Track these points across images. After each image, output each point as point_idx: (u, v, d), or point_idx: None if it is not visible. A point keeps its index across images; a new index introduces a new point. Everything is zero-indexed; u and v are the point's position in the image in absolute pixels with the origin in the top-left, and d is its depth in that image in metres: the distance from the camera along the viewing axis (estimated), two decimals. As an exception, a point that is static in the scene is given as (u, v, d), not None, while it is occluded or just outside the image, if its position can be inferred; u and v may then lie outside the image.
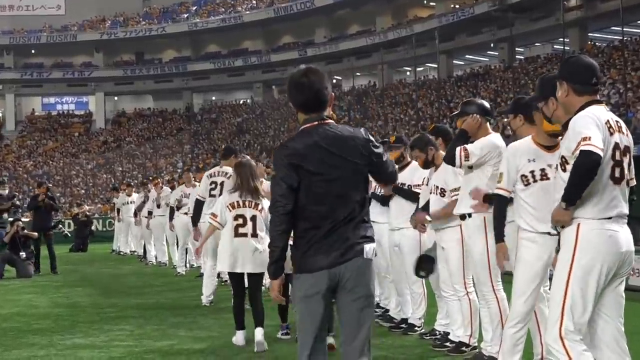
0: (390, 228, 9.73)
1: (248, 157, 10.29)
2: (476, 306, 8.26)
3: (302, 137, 4.85)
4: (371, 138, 4.97)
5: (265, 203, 9.07)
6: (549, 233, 6.19)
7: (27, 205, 22.89)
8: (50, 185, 20.56)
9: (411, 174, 9.51)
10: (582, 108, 5.26)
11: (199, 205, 12.88)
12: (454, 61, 66.83)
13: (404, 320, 9.74)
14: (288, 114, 66.97)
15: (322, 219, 4.76)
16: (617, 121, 5.34)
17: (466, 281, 8.30)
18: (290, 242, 4.87)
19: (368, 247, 4.79)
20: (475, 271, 7.72)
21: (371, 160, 4.91)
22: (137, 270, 19.49)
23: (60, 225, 19.83)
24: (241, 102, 79.70)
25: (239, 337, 9.17)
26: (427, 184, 8.94)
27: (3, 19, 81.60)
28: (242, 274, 9.14)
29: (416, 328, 9.56)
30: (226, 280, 13.59)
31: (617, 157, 5.22)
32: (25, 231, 19.28)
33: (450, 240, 8.32)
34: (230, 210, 9.15)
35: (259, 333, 8.86)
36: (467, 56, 68.90)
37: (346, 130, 4.90)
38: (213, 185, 12.85)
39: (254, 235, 9.10)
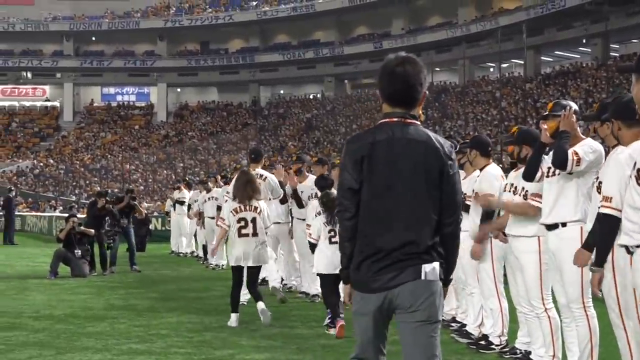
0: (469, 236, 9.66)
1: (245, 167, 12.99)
2: (557, 324, 8.14)
3: (376, 131, 4.72)
4: (453, 156, 4.74)
5: (262, 205, 11.67)
6: None
7: (86, 211, 23.36)
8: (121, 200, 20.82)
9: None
10: None
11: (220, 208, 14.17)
12: (542, 57, 66.14)
13: (485, 337, 9.65)
14: (361, 111, 67.01)
15: (378, 231, 4.65)
16: None
17: (544, 297, 8.19)
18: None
19: (428, 268, 4.61)
20: (565, 287, 7.60)
21: (442, 179, 4.68)
22: (196, 273, 19.65)
23: (109, 236, 20.01)
24: (311, 96, 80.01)
25: (233, 319, 11.39)
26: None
27: (63, 4, 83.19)
28: (242, 267, 11.46)
29: (494, 346, 9.47)
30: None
31: None
32: (82, 228, 19.60)
33: (527, 252, 8.20)
34: (234, 215, 11.46)
35: (260, 305, 11.32)
36: (557, 52, 68.08)
37: (426, 136, 4.70)
38: None
39: (255, 234, 11.41)
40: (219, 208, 20.09)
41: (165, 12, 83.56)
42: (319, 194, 11.90)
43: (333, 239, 10.67)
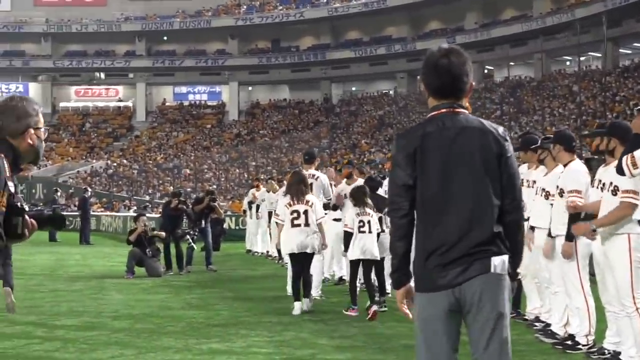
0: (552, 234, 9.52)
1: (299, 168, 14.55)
2: None
3: (425, 124, 4.62)
4: (508, 138, 4.65)
5: (313, 198, 13.03)
6: None
7: (161, 211, 23.69)
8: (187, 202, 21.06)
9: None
10: None
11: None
12: (621, 50, 65.05)
13: (571, 337, 9.50)
14: (434, 107, 66.67)
15: (439, 225, 4.50)
16: None
17: (635, 296, 8.02)
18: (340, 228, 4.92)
19: (497, 261, 4.47)
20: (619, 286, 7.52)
21: (500, 163, 4.56)
22: (272, 272, 19.70)
23: (188, 237, 20.20)
24: (383, 93, 79.75)
25: (296, 308, 12.51)
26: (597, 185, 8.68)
27: (135, 5, 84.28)
28: (299, 254, 12.67)
29: (581, 346, 9.32)
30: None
31: None
32: (155, 232, 19.88)
33: (617, 250, 8.05)
34: (288, 208, 12.78)
35: (306, 302, 12.62)
36: (636, 44, 66.86)
37: (478, 122, 4.62)
38: None
39: (307, 224, 12.69)
40: None
41: (236, 10, 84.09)
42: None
43: (362, 229, 12.37)
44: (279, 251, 22.31)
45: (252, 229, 27.07)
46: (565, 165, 9.38)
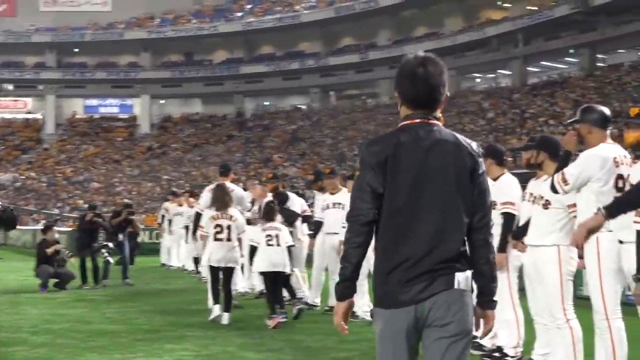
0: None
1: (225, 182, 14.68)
2: (579, 335, 8.06)
3: (397, 133, 4.40)
4: (481, 154, 4.50)
5: (237, 213, 13.23)
6: None
7: (77, 225, 23.28)
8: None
9: None
10: None
11: (198, 217, 15.22)
12: (529, 68, 66.31)
13: (499, 349, 9.53)
14: (347, 122, 67.01)
15: (405, 238, 4.29)
16: None
17: (566, 307, 8.10)
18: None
19: (461, 277, 4.27)
20: (591, 296, 7.52)
21: (472, 179, 4.39)
22: (191, 286, 19.48)
23: (104, 251, 19.84)
24: (296, 107, 79.85)
25: (216, 309, 12.98)
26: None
27: (46, 15, 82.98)
28: (218, 267, 13.00)
29: (509, 357, 9.36)
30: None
31: None
32: (62, 249, 19.53)
33: (548, 262, 8.11)
34: (212, 221, 13.03)
35: (225, 317, 12.73)
36: (544, 63, 68.26)
37: (452, 136, 4.41)
38: None
39: (229, 239, 12.93)
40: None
41: (149, 23, 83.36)
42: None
43: (270, 242, 12.68)
44: (195, 264, 22.17)
45: (166, 243, 26.78)
46: (495, 180, 9.43)
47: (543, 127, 46.64)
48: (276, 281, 12.82)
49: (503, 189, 9.22)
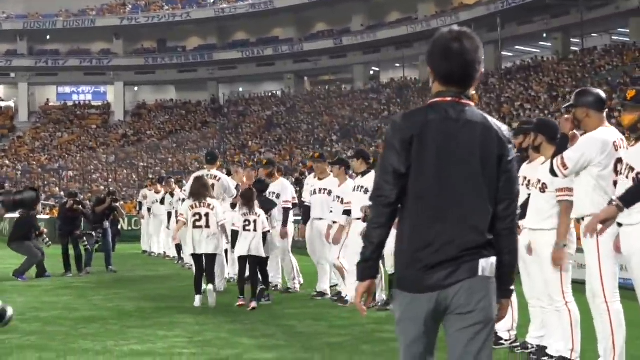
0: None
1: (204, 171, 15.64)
2: (577, 317, 8.08)
3: (427, 110, 4.24)
4: (511, 139, 4.35)
5: (214, 202, 13.75)
6: None
7: (58, 212, 23.11)
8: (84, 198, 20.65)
9: None
10: None
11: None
12: (503, 52, 66.50)
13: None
14: (322, 108, 66.97)
15: (429, 222, 4.17)
16: None
17: (565, 290, 8.11)
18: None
19: (486, 263, 4.16)
20: (589, 280, 7.53)
21: (500, 165, 4.24)
22: (175, 273, 19.42)
23: (85, 239, 19.72)
24: (271, 94, 79.71)
25: (197, 300, 13.25)
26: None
27: (17, 3, 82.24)
28: (201, 255, 13.45)
29: (504, 341, 9.38)
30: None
31: None
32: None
33: (546, 245, 8.11)
34: (191, 210, 13.53)
35: (210, 287, 13.14)
36: (517, 47, 68.51)
37: (482, 118, 4.26)
38: None
39: (207, 226, 13.40)
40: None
41: (121, 9, 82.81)
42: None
43: (247, 227, 13.05)
44: (178, 251, 22.10)
45: (147, 230, 26.71)
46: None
47: (519, 111, 46.81)
48: (253, 265, 13.21)
49: None
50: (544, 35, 62.72)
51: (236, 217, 13.50)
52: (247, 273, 13.30)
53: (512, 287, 4.41)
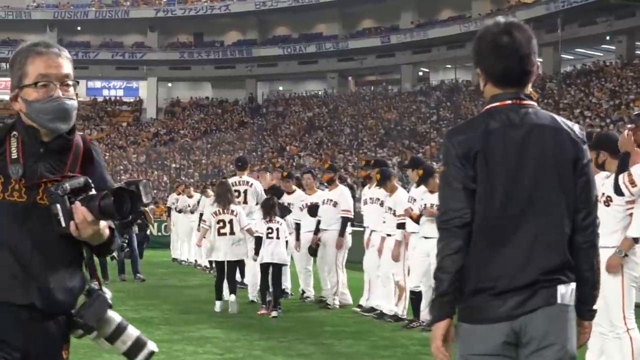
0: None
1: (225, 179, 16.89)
2: (639, 345, 7.98)
3: (487, 118, 3.98)
4: (585, 139, 4.07)
5: (238, 208, 14.77)
6: None
7: None
8: None
9: None
10: None
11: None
12: (562, 55, 66.04)
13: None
14: (367, 110, 66.91)
15: (500, 245, 3.91)
16: None
17: (627, 316, 8.01)
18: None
19: (565, 290, 3.90)
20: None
21: (576, 170, 3.98)
22: (206, 283, 19.43)
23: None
24: (312, 94, 79.76)
25: (217, 305, 14.35)
26: None
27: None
28: (224, 261, 14.54)
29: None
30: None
31: None
32: None
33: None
34: (214, 217, 14.54)
35: (232, 298, 14.22)
36: (578, 50, 68.02)
37: (551, 119, 4.03)
38: (237, 194, 15.69)
39: (232, 233, 14.40)
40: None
41: (156, 0, 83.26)
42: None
43: (270, 235, 13.96)
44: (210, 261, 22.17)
45: (176, 236, 26.83)
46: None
47: (579, 119, 46.48)
48: (276, 273, 14.01)
49: None
50: (607, 37, 62.13)
51: (259, 225, 14.31)
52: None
53: (595, 308, 4.15)
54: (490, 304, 3.88)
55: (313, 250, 15.27)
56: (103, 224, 3.54)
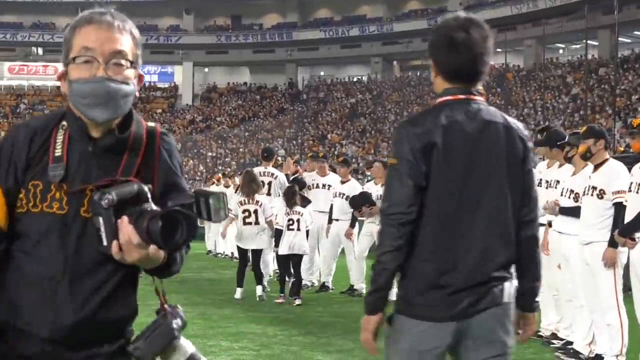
0: (580, 242, 9.45)
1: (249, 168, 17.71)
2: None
3: (442, 112, 4.13)
4: (529, 137, 4.31)
5: (262, 198, 15.45)
6: None
7: None
8: None
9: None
10: None
11: None
12: (620, 38, 65.44)
13: (598, 357, 9.43)
14: (412, 96, 66.75)
15: (453, 240, 4.09)
16: None
17: (619, 302, 8.42)
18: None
19: (510, 287, 4.16)
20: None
21: (524, 167, 4.22)
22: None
23: None
24: (355, 79, 79.70)
25: (238, 292, 15.33)
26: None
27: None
28: (246, 250, 15.45)
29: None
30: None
31: None
32: None
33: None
34: (240, 206, 15.19)
35: (259, 289, 15.29)
36: (636, 33, 67.37)
37: (501, 117, 4.21)
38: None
39: (257, 222, 15.14)
40: None
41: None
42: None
43: (291, 226, 14.80)
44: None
45: (211, 228, 26.99)
46: (598, 165, 9.29)
47: (637, 105, 46.08)
48: (296, 264, 15.07)
49: (614, 175, 9.11)
50: (669, 20, 61.60)
51: (280, 216, 15.15)
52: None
53: (538, 300, 4.39)
54: (442, 302, 4.07)
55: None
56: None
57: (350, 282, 16.48)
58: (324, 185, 17.12)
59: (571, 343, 10.15)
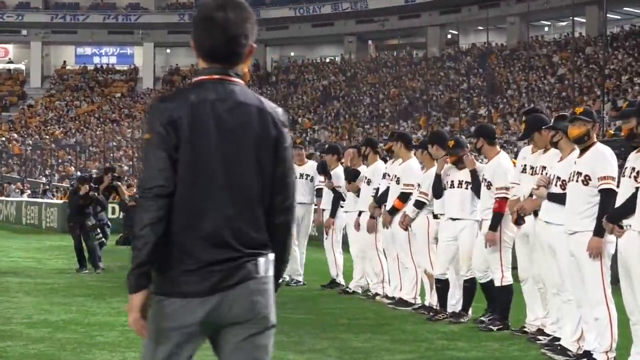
0: (565, 231, 9.47)
1: None
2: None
3: (192, 90, 4.44)
4: (287, 124, 4.59)
5: None
6: None
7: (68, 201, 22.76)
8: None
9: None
10: None
11: None
12: (608, 15, 65.69)
13: (587, 354, 9.48)
14: (389, 78, 66.83)
15: (200, 216, 4.35)
16: None
17: (607, 293, 8.62)
18: None
19: (264, 262, 4.41)
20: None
21: (277, 152, 4.47)
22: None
23: (99, 231, 19.89)
24: (328, 60, 79.71)
25: None
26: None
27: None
28: None
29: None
30: None
31: None
32: None
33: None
34: None
35: None
36: (626, 9, 67.67)
37: (256, 100, 4.49)
38: None
39: None
40: None
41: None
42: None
43: None
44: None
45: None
46: (587, 149, 9.31)
47: (627, 86, 46.31)
48: None
49: (597, 160, 9.12)
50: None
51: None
52: None
53: (281, 281, 4.65)
54: (190, 278, 4.29)
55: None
56: None
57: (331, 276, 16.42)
58: (301, 175, 16.68)
59: (558, 339, 10.16)
